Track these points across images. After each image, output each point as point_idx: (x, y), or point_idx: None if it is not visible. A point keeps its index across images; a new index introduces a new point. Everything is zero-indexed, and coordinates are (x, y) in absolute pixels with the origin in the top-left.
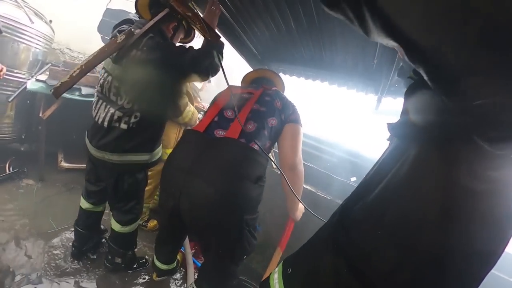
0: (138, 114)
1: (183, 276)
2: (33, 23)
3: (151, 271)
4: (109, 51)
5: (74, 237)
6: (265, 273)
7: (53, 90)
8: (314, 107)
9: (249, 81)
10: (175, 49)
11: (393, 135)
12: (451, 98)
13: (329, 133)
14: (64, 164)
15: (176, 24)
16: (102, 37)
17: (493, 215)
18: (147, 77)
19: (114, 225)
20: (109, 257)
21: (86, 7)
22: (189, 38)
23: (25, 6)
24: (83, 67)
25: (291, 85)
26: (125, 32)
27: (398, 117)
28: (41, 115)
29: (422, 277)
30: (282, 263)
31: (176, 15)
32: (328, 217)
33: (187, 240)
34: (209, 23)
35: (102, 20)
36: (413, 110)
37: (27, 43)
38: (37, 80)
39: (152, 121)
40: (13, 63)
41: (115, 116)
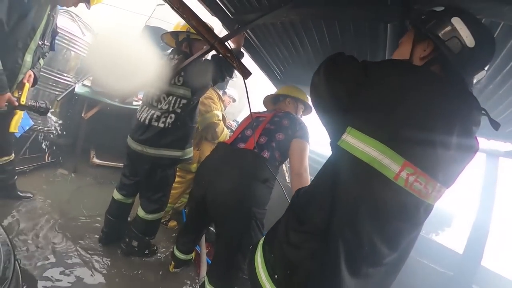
0: (173, 115)
1: (194, 272)
2: (85, 35)
3: (166, 264)
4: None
5: (104, 224)
6: None
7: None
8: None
9: (270, 98)
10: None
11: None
12: None
13: None
14: (95, 160)
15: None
16: None
17: None
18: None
19: (139, 211)
20: (127, 240)
21: (128, 23)
22: None
23: (79, 20)
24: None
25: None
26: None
27: None
28: (83, 115)
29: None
30: (261, 243)
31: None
32: None
33: (203, 239)
34: (238, 44)
35: (142, 34)
36: None
37: (77, 51)
38: (83, 85)
39: (184, 123)
40: (64, 67)
41: (154, 115)
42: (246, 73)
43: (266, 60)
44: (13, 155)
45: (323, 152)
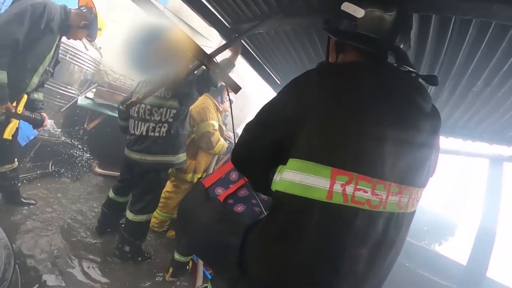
0: (166, 125)
1: (190, 282)
2: (88, 50)
3: (163, 272)
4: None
5: (100, 215)
6: None
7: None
8: None
9: None
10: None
11: None
12: None
13: None
14: (98, 169)
15: None
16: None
17: None
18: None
19: (128, 215)
20: (119, 246)
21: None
22: None
23: None
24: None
25: None
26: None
27: None
28: (85, 126)
29: None
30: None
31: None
32: None
33: None
34: (235, 53)
35: None
36: None
37: (80, 65)
38: (86, 97)
39: (176, 131)
40: (68, 80)
41: (150, 126)
42: (235, 88)
43: (264, 66)
44: (16, 163)
45: None
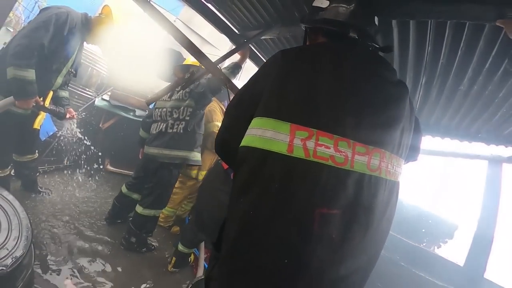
0: (183, 122)
1: (191, 274)
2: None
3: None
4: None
5: (111, 207)
6: None
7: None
8: None
9: None
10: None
11: None
12: None
13: None
14: (110, 167)
15: None
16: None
17: None
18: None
19: (137, 208)
20: (126, 236)
21: (147, 41)
22: None
23: None
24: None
25: None
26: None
27: None
28: (101, 125)
29: None
30: None
31: None
32: None
33: (202, 245)
34: (243, 56)
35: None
36: None
37: (99, 69)
38: (103, 99)
39: (193, 129)
40: (86, 83)
41: (169, 124)
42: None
43: (221, 17)
44: (37, 154)
45: None
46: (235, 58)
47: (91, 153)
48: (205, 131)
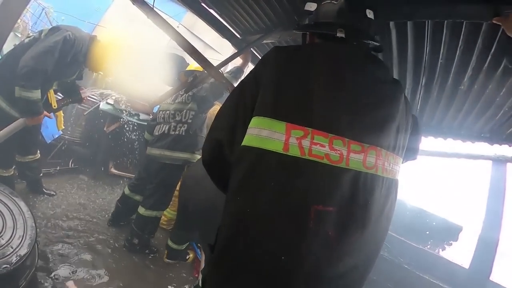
0: (185, 125)
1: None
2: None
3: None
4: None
5: (114, 209)
6: None
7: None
8: None
9: None
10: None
11: None
12: None
13: None
14: (113, 170)
15: None
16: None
17: None
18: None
19: (139, 209)
20: (129, 238)
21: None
22: None
23: None
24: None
25: None
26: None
27: None
28: (105, 129)
29: None
30: None
31: None
32: None
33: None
34: (245, 60)
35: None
36: None
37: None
38: (107, 103)
39: (194, 132)
40: (91, 87)
41: (171, 126)
42: None
43: (223, 22)
44: (39, 155)
45: None
46: (237, 62)
47: (95, 156)
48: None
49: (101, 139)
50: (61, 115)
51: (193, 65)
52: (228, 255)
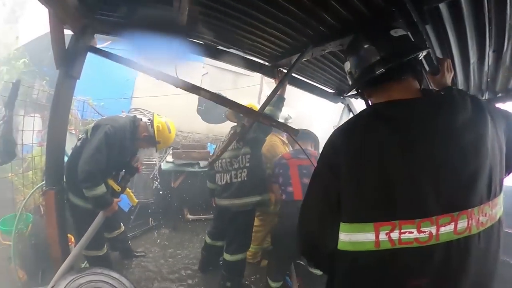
0: (245, 170)
1: None
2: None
3: None
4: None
5: (200, 258)
6: None
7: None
8: None
9: None
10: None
11: None
12: None
13: None
14: (189, 216)
15: None
16: (201, 117)
17: None
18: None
19: (225, 256)
20: (221, 282)
21: (186, 96)
22: None
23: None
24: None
25: None
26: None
27: None
28: (172, 185)
29: None
30: None
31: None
32: None
33: (293, 273)
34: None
35: (199, 102)
36: None
37: None
38: (167, 161)
39: (255, 173)
40: (149, 152)
41: (232, 174)
42: (293, 132)
43: (312, 82)
44: (123, 227)
45: None
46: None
47: (170, 209)
48: (272, 165)
49: (171, 193)
50: (129, 192)
51: None
52: None
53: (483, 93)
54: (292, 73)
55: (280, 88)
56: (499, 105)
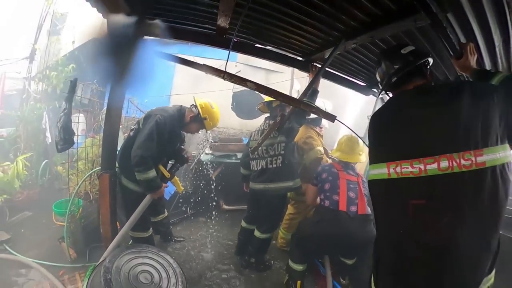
0: (280, 157)
1: None
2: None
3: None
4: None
5: (237, 243)
6: None
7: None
8: None
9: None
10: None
11: None
12: None
13: None
14: (225, 206)
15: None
16: (235, 113)
17: None
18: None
19: (256, 233)
20: (246, 258)
21: (219, 93)
22: None
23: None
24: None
25: None
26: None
27: None
28: (211, 176)
29: None
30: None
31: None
32: None
33: (327, 261)
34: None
35: (233, 100)
36: None
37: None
38: (206, 153)
39: (289, 160)
40: (186, 146)
41: (268, 161)
42: (331, 118)
43: (344, 76)
44: (166, 212)
45: None
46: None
47: (207, 199)
48: (309, 157)
49: (209, 184)
50: (177, 180)
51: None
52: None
53: None
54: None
55: (316, 81)
56: None
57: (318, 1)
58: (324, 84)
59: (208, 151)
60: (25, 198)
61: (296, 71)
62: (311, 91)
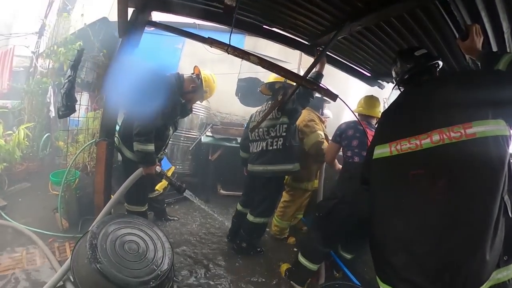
0: (281, 139)
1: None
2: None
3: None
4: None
5: (231, 226)
6: None
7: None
8: None
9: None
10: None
11: None
12: None
13: None
14: (222, 191)
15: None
16: (239, 100)
17: None
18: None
19: (248, 216)
20: (238, 242)
21: (224, 77)
22: None
23: None
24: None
25: None
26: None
27: None
28: (210, 158)
29: None
30: None
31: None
32: None
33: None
34: (322, 64)
35: (237, 86)
36: None
37: (197, 113)
38: (207, 135)
39: (290, 143)
40: (190, 126)
41: (268, 142)
42: (333, 97)
43: (350, 64)
44: (162, 190)
45: None
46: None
47: (205, 182)
48: (309, 141)
49: (208, 167)
50: (164, 184)
51: (272, 77)
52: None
53: None
54: (330, 50)
55: (317, 62)
56: None
57: None
58: (325, 84)
59: (209, 133)
60: (25, 169)
61: (302, 60)
62: (316, 74)
